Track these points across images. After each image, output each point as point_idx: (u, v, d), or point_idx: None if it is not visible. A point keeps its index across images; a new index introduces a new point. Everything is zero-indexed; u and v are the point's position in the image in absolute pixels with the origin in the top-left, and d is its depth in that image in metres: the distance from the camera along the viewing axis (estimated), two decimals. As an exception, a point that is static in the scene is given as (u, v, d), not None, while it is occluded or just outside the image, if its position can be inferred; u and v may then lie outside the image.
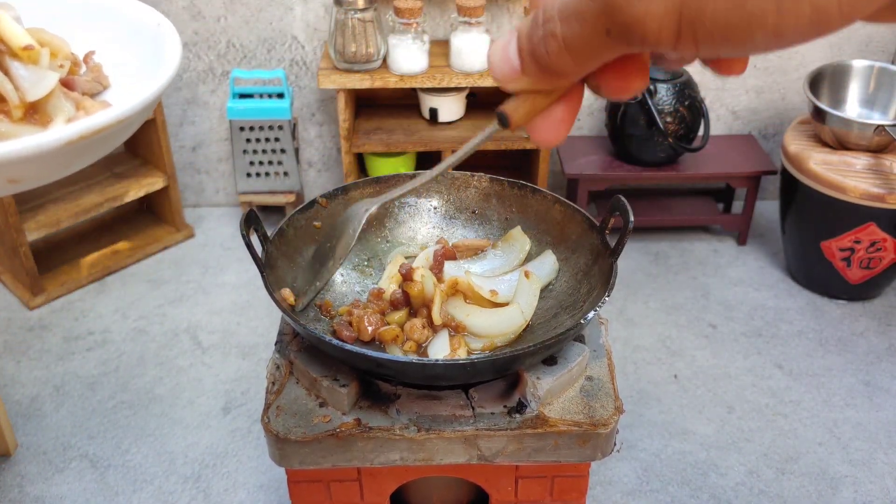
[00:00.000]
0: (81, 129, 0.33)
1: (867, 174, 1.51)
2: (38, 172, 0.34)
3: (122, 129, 0.36)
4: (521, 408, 0.79)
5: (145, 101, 0.36)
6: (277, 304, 0.78)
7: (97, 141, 0.34)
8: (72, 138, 0.32)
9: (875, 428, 1.37)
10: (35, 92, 0.38)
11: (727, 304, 1.66)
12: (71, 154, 0.34)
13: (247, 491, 1.25)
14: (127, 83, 0.45)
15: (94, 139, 0.34)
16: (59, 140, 0.32)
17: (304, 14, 1.74)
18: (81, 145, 0.33)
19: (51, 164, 0.34)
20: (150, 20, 0.46)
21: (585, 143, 1.83)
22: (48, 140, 0.32)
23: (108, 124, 0.34)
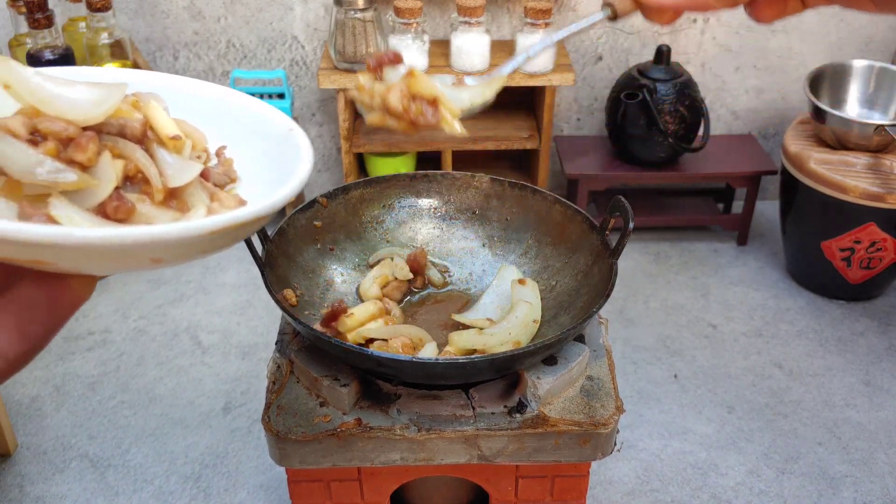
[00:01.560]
0: (226, 220, 0.36)
1: (867, 174, 1.51)
2: (178, 255, 0.37)
3: (256, 224, 0.39)
4: (522, 408, 0.79)
5: (282, 199, 0.40)
6: (278, 303, 0.78)
7: (233, 233, 0.37)
8: (216, 228, 0.35)
9: (875, 428, 1.37)
10: (178, 179, 0.42)
11: (727, 304, 1.66)
12: (209, 242, 0.37)
13: (247, 491, 1.25)
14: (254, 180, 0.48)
15: (231, 231, 0.37)
16: (203, 228, 0.35)
17: (304, 14, 1.75)
18: (220, 235, 0.36)
19: (191, 249, 0.37)
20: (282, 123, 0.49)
21: (585, 143, 1.83)
22: (195, 227, 0.35)
23: (248, 219, 0.37)
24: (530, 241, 0.95)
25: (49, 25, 1.41)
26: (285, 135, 0.47)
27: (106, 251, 0.33)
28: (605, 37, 1.80)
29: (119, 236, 0.32)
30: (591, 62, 1.83)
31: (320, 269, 0.91)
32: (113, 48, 1.55)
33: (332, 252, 0.93)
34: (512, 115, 1.79)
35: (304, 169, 0.44)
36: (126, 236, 0.33)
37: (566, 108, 1.88)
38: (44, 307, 0.36)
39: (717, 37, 1.80)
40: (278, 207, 0.39)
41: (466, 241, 0.98)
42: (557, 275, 0.91)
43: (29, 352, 0.36)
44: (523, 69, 1.61)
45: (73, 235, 0.32)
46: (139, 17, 1.74)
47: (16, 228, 0.31)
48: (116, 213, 0.39)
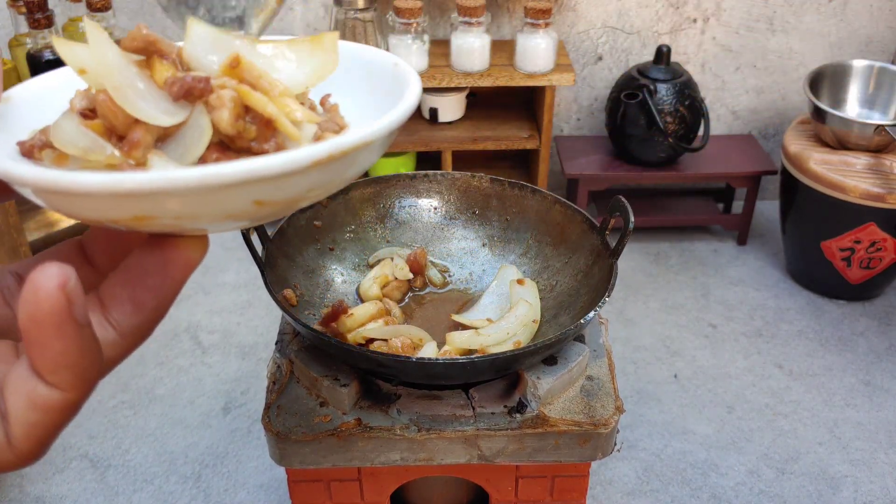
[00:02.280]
0: (330, 148, 0.33)
1: (867, 174, 1.51)
2: (283, 194, 0.35)
3: (367, 152, 0.36)
4: (522, 408, 0.79)
5: (390, 124, 0.37)
6: (278, 303, 0.78)
7: (343, 163, 0.35)
8: (320, 157, 0.33)
9: (875, 428, 1.37)
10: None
11: (727, 304, 1.66)
12: (315, 176, 0.34)
13: (247, 491, 1.25)
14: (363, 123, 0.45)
15: (340, 161, 0.34)
16: (306, 158, 0.32)
17: (304, 14, 1.74)
18: (326, 167, 0.34)
19: (296, 186, 0.35)
20: (385, 59, 0.46)
21: (585, 143, 1.83)
22: (296, 157, 0.32)
23: (355, 145, 0.34)
24: (530, 241, 0.95)
25: (49, 25, 1.41)
26: (391, 70, 0.45)
27: (204, 193, 0.31)
28: (605, 37, 1.80)
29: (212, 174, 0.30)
30: (591, 62, 1.83)
31: (320, 269, 0.91)
32: (113, 48, 1.55)
33: (332, 252, 0.93)
34: (512, 115, 1.79)
35: (413, 93, 0.41)
36: (221, 173, 0.30)
37: (566, 108, 1.88)
38: (155, 273, 0.34)
39: (717, 37, 1.80)
40: (385, 133, 0.37)
41: (466, 241, 0.98)
42: (557, 275, 0.91)
43: (144, 324, 0.34)
44: (523, 69, 1.61)
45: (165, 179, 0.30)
46: (139, 17, 1.74)
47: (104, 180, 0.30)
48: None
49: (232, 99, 0.37)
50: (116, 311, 0.34)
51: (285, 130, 0.38)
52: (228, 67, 0.39)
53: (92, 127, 0.37)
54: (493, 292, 0.89)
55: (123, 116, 0.37)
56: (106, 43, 0.37)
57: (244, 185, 0.32)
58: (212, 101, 0.37)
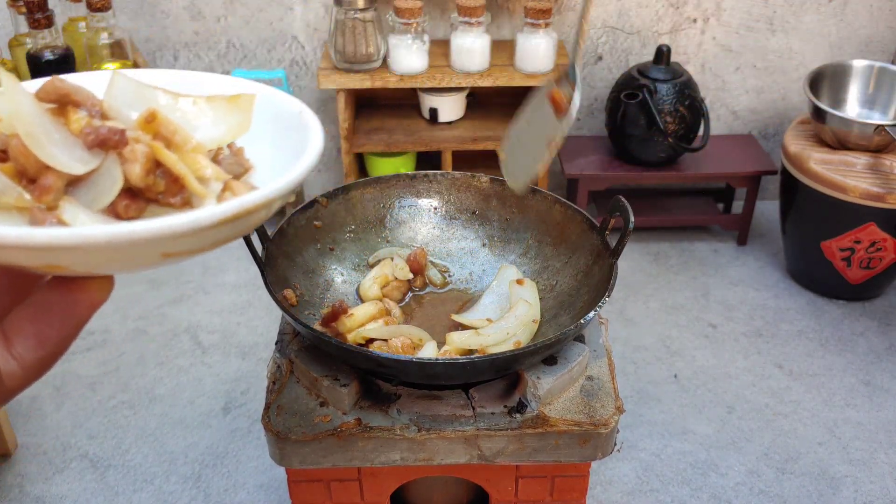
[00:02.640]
0: (235, 207, 0.35)
1: (867, 174, 1.51)
2: (189, 247, 0.36)
3: (267, 209, 0.38)
4: (522, 407, 0.79)
5: (290, 183, 0.39)
6: (278, 303, 0.78)
7: (245, 220, 0.37)
8: (224, 216, 0.35)
9: (875, 428, 1.37)
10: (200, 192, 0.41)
11: (727, 304, 1.66)
12: (220, 231, 0.36)
13: (247, 491, 1.25)
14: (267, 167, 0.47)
15: (243, 218, 0.36)
16: (211, 217, 0.34)
17: (304, 14, 1.75)
18: (230, 223, 0.35)
19: (202, 240, 0.36)
20: (292, 106, 0.48)
21: (585, 143, 1.83)
22: (202, 217, 0.34)
23: (258, 204, 0.36)
24: (530, 241, 0.95)
25: (49, 25, 1.41)
26: (295, 117, 0.47)
27: (114, 249, 0.33)
28: (605, 37, 1.80)
29: (124, 232, 0.32)
30: (591, 62, 1.83)
31: (320, 269, 0.91)
32: (113, 48, 1.55)
33: (332, 252, 0.93)
34: (512, 115, 1.78)
35: (314, 151, 0.43)
36: (132, 232, 0.32)
37: (566, 108, 1.88)
38: (60, 310, 0.35)
39: (717, 37, 1.80)
40: (287, 191, 0.39)
41: (466, 241, 0.98)
42: (557, 275, 0.91)
43: (46, 358, 0.36)
44: (523, 69, 1.61)
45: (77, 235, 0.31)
46: (139, 17, 1.74)
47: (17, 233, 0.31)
48: (127, 212, 0.39)
49: (144, 154, 0.38)
50: (20, 345, 0.35)
51: (192, 189, 0.40)
52: (144, 122, 0.40)
53: (3, 169, 0.38)
54: (492, 292, 0.89)
55: (35, 161, 0.38)
56: (20, 91, 0.38)
57: (152, 241, 0.33)
58: (125, 153, 0.38)
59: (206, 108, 0.45)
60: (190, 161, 0.41)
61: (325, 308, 0.86)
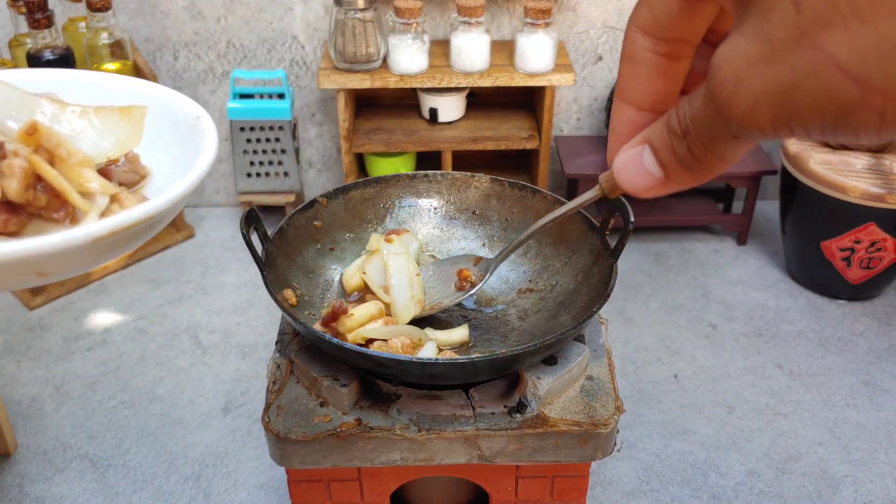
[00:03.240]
0: (110, 226, 0.33)
1: (867, 174, 1.52)
2: (66, 266, 0.35)
3: (152, 225, 0.37)
4: (522, 408, 0.79)
5: (174, 198, 0.37)
6: (278, 303, 0.78)
7: (126, 236, 0.35)
8: (101, 235, 0.33)
9: (875, 428, 1.37)
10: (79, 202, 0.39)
11: (727, 304, 1.66)
12: (99, 249, 0.34)
13: (247, 491, 1.25)
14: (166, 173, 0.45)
15: (122, 235, 0.34)
16: (87, 236, 0.33)
17: (304, 14, 1.75)
18: (110, 241, 0.34)
19: (79, 259, 0.35)
20: (191, 113, 0.46)
21: (585, 143, 1.83)
22: (76, 236, 0.32)
23: (136, 221, 0.35)
24: (530, 241, 0.95)
25: (49, 25, 1.41)
26: (193, 123, 0.45)
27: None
28: (605, 37, 1.80)
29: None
30: (591, 62, 1.83)
31: (320, 269, 0.91)
32: (113, 48, 1.55)
33: (332, 252, 0.93)
34: (512, 115, 1.79)
35: (203, 163, 0.41)
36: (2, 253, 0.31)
37: (566, 108, 1.88)
38: None
39: (717, 37, 1.80)
40: (169, 207, 0.37)
41: (466, 241, 0.98)
42: (557, 275, 0.91)
43: None
44: (523, 69, 1.61)
45: None
46: (139, 17, 1.74)
47: None
48: (7, 227, 0.37)
49: (22, 169, 0.37)
50: None
51: (75, 204, 0.38)
52: (25, 134, 0.38)
53: None
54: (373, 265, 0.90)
55: None
56: None
57: (22, 262, 0.32)
58: (2, 167, 0.37)
59: (94, 120, 0.43)
60: (74, 175, 0.39)
61: (325, 308, 0.86)
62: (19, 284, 0.35)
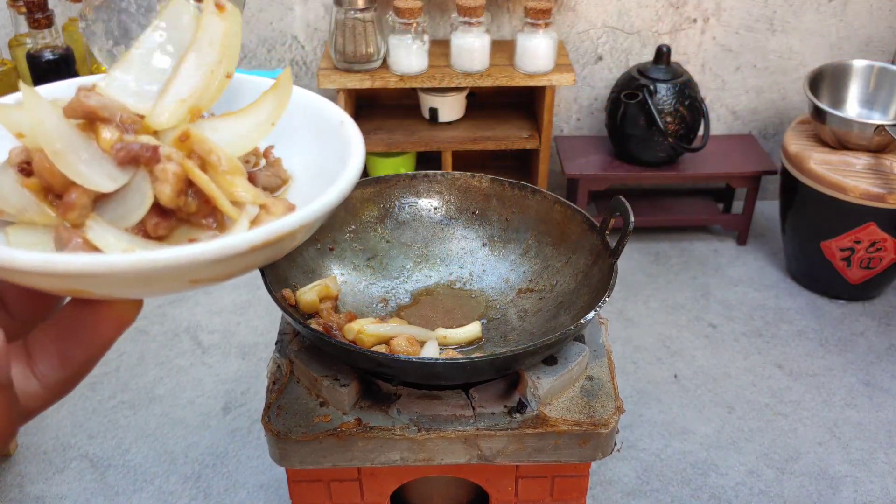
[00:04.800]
0: (265, 234, 0.33)
1: (867, 174, 1.52)
2: (219, 273, 0.35)
3: (304, 232, 0.36)
4: (522, 408, 0.79)
5: (327, 206, 0.36)
6: (278, 303, 0.78)
7: (279, 245, 0.35)
8: (257, 243, 0.33)
9: (875, 428, 1.37)
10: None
11: (727, 304, 1.66)
12: (252, 257, 0.34)
13: (247, 491, 1.25)
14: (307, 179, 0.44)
15: (276, 244, 0.34)
16: (244, 244, 0.32)
17: (304, 14, 1.75)
18: (264, 249, 0.34)
19: (232, 267, 0.35)
20: (334, 117, 0.45)
21: (585, 143, 1.83)
22: (234, 243, 0.32)
23: (292, 230, 0.34)
24: (530, 241, 0.95)
25: (49, 25, 1.41)
26: (336, 128, 0.45)
27: (137, 277, 0.31)
28: (605, 37, 1.80)
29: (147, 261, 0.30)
30: (591, 62, 1.83)
31: (320, 269, 0.91)
32: (113, 48, 1.55)
33: (332, 252, 0.93)
34: (512, 115, 1.79)
35: (354, 167, 0.40)
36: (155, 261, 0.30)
37: (566, 108, 1.88)
38: (85, 331, 0.34)
39: (717, 37, 1.80)
40: (325, 213, 0.36)
41: (466, 241, 0.98)
42: (557, 275, 0.91)
43: (70, 379, 0.34)
44: (523, 69, 1.61)
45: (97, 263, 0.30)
46: (139, 17, 1.74)
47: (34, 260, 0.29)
48: (156, 231, 0.37)
49: (175, 174, 0.36)
50: (43, 364, 0.33)
51: (225, 211, 0.38)
52: (178, 140, 0.38)
53: (28, 185, 0.36)
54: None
55: (61, 177, 0.36)
56: (43, 106, 0.36)
57: (178, 269, 0.32)
58: (156, 172, 0.37)
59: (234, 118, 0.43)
60: (224, 182, 0.39)
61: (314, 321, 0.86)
62: (170, 291, 0.35)
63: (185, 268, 0.32)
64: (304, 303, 0.84)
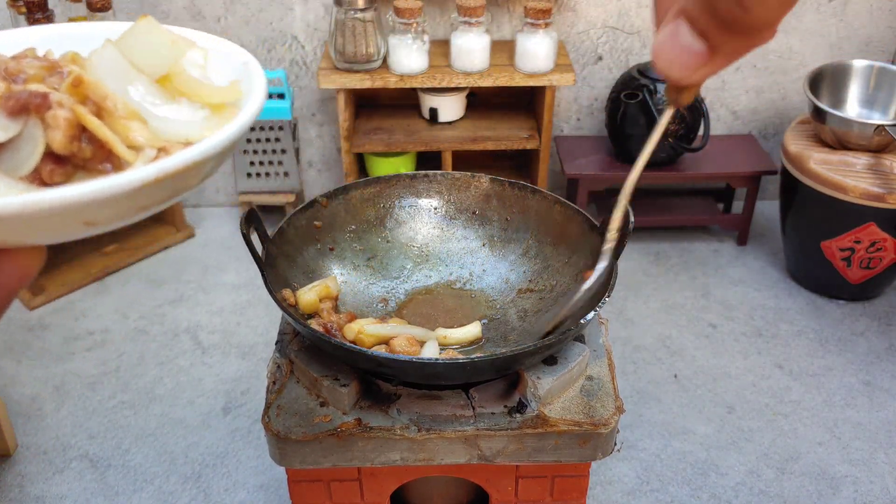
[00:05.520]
0: (155, 171, 0.33)
1: (867, 174, 1.51)
2: (113, 214, 0.35)
3: (200, 171, 0.36)
4: (522, 408, 0.79)
5: (220, 143, 0.36)
6: (278, 303, 0.78)
7: (173, 183, 0.35)
8: (146, 180, 0.33)
9: (875, 428, 1.37)
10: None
11: (727, 304, 1.66)
12: (146, 196, 0.34)
13: (247, 491, 1.25)
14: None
15: (169, 181, 0.34)
16: (132, 181, 0.32)
17: (304, 14, 1.74)
18: (157, 187, 0.34)
19: (126, 206, 0.35)
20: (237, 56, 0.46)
21: (585, 143, 1.83)
22: (122, 181, 0.32)
23: (182, 166, 0.34)
24: (530, 241, 0.95)
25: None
26: (240, 69, 0.45)
27: (28, 220, 0.31)
28: (605, 37, 1.80)
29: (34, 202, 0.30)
30: (591, 62, 1.83)
31: (320, 269, 0.91)
32: (113, 48, 1.55)
33: (332, 252, 0.93)
34: (512, 115, 1.79)
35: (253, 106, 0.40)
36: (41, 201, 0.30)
37: (566, 108, 1.88)
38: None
39: (717, 37, 1.80)
40: (217, 151, 0.36)
41: (466, 241, 0.98)
42: (557, 275, 0.91)
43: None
44: (523, 69, 1.61)
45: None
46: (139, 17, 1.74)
47: None
48: (52, 178, 0.37)
49: (67, 120, 0.36)
50: None
51: (119, 154, 0.38)
52: (71, 86, 0.38)
53: None
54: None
55: None
56: None
57: (70, 209, 0.32)
58: (48, 119, 0.37)
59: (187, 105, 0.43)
60: (120, 127, 0.39)
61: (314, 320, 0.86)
62: (69, 235, 0.35)
63: (75, 208, 0.32)
64: (304, 303, 0.84)
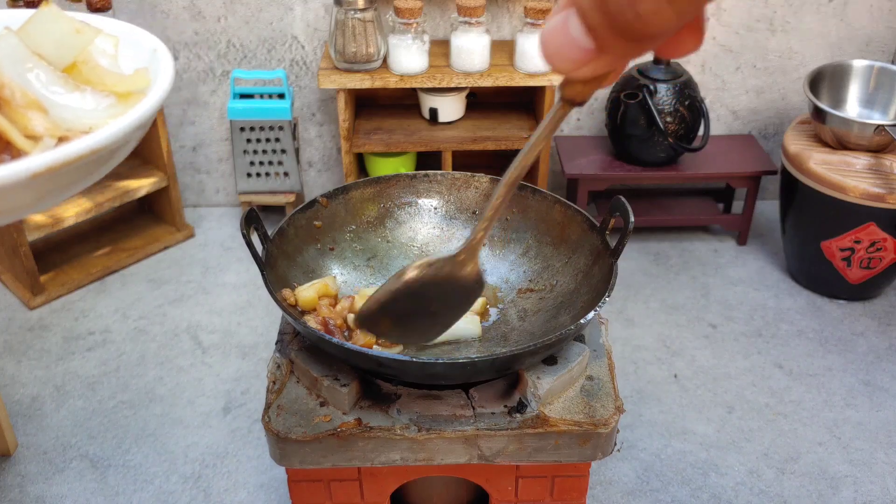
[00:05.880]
0: (49, 160, 0.31)
1: (867, 174, 1.52)
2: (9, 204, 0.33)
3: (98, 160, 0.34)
4: (522, 407, 0.79)
5: (118, 132, 0.34)
6: (278, 303, 0.78)
7: (70, 172, 0.33)
8: (39, 169, 0.31)
9: (875, 428, 1.37)
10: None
11: (727, 304, 1.66)
12: (42, 186, 0.32)
13: (247, 491, 1.25)
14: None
15: (64, 170, 0.32)
16: (24, 171, 0.30)
17: (304, 14, 1.74)
18: (52, 176, 0.32)
19: (21, 196, 0.33)
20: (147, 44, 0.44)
21: (585, 143, 1.83)
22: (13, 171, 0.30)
23: (77, 155, 0.32)
24: (530, 241, 0.95)
25: (49, 25, 1.41)
26: (150, 56, 0.44)
27: None
28: (605, 37, 1.80)
29: None
30: (591, 62, 1.82)
31: (320, 269, 0.92)
32: (113, 48, 1.55)
33: (332, 252, 0.93)
34: (512, 115, 1.79)
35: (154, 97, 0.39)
36: None
37: (566, 108, 1.88)
38: None
39: (717, 37, 1.80)
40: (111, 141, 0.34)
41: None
42: (557, 275, 0.91)
43: None
44: (523, 69, 1.61)
45: None
46: (139, 17, 1.74)
47: None
48: None
49: None
50: None
51: (16, 144, 0.37)
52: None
53: None
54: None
55: None
56: None
57: None
58: None
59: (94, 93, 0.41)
60: (19, 117, 0.37)
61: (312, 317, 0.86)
62: None
63: None
64: (303, 300, 0.84)
